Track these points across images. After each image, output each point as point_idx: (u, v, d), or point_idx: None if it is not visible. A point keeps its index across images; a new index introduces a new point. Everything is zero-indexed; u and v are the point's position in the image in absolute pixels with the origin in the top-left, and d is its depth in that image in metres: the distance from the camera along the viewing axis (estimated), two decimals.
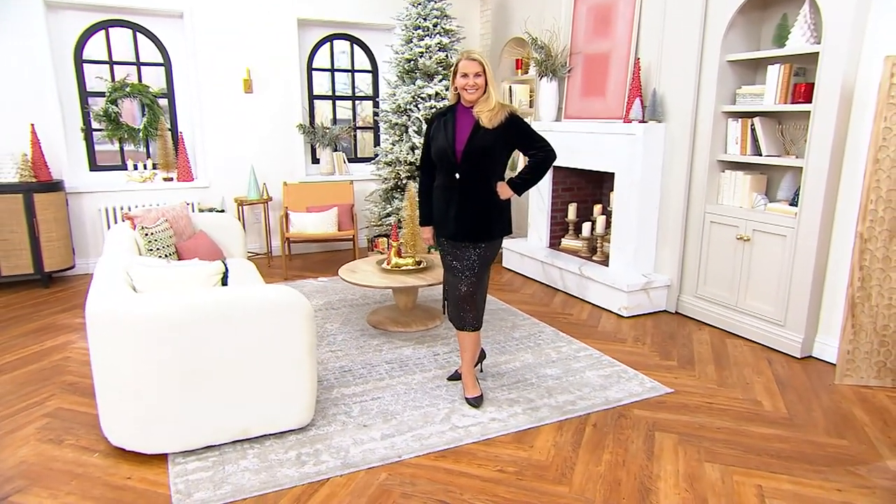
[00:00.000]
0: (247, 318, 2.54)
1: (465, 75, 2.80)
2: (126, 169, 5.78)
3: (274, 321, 2.60)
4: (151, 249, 3.74)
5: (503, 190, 2.96)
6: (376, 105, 6.68)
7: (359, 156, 6.96)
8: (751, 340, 3.97)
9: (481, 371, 3.43)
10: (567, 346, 3.86)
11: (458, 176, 2.87)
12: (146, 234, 3.72)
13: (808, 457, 2.63)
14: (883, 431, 2.84)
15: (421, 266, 4.18)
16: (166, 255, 3.81)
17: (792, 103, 3.73)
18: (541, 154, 2.93)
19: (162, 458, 2.57)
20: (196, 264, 2.74)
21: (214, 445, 2.65)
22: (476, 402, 3.05)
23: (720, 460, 2.60)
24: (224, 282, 2.76)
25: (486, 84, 2.81)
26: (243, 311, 2.54)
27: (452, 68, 2.86)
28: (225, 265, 2.75)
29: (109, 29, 5.54)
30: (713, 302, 4.26)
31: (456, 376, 3.33)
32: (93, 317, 2.46)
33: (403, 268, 4.16)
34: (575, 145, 5.06)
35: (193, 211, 5.79)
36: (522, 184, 2.98)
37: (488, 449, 2.68)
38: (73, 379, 3.33)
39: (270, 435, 2.75)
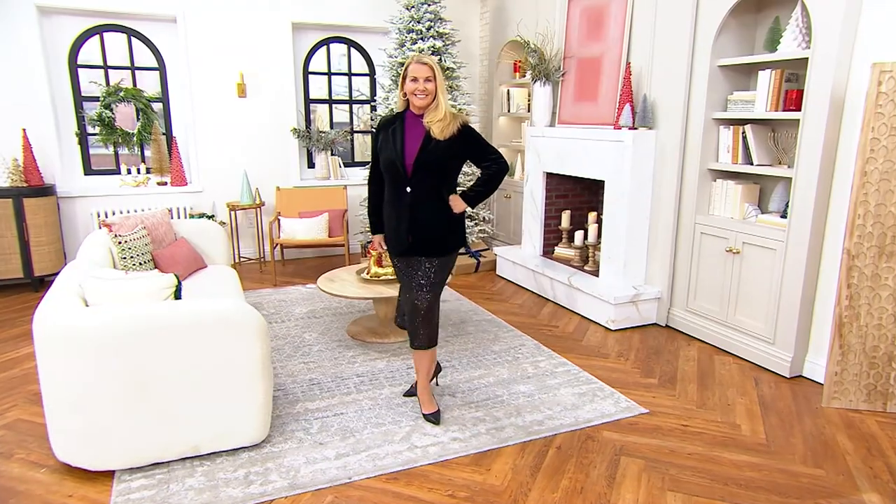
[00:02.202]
0: (195, 333, 2.48)
1: (414, 79, 2.68)
2: (120, 173, 5.80)
3: (224, 336, 2.54)
4: (125, 258, 3.72)
5: (456, 203, 2.85)
6: (373, 109, 6.62)
7: (357, 160, 6.90)
8: (740, 358, 3.81)
9: (437, 384, 3.33)
10: (546, 361, 3.74)
11: (409, 189, 2.76)
12: (119, 243, 3.69)
13: (778, 487, 2.48)
14: (865, 461, 2.68)
15: None
16: (141, 264, 3.78)
17: (784, 110, 3.56)
18: (495, 167, 2.83)
19: (108, 475, 2.52)
20: (149, 277, 2.68)
21: (163, 462, 2.59)
22: (435, 419, 2.96)
23: (684, 489, 2.46)
24: (177, 295, 2.70)
25: (437, 91, 2.69)
26: (191, 326, 2.48)
27: (402, 72, 2.74)
28: (177, 278, 2.70)
29: (104, 33, 5.57)
30: (704, 316, 4.10)
31: (412, 392, 3.23)
32: (38, 329, 2.41)
33: (383, 277, 4.08)
34: (567, 151, 4.93)
35: (186, 216, 5.78)
36: (476, 196, 2.88)
37: (443, 471, 2.59)
38: (39, 389, 3.31)
39: (223, 452, 2.68)
